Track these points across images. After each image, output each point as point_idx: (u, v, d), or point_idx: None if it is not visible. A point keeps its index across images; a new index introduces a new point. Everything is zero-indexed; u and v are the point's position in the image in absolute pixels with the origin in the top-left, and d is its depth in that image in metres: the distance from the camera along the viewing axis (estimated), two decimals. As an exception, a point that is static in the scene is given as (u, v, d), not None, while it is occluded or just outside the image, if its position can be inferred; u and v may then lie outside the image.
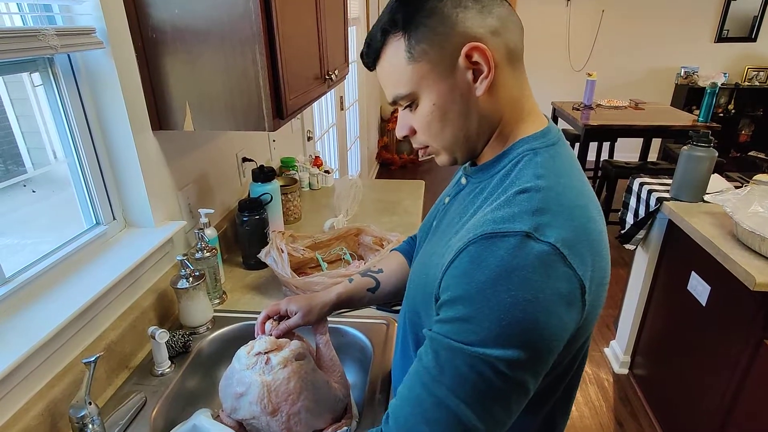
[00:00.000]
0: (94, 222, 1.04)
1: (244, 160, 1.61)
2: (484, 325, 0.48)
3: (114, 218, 1.07)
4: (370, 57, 0.60)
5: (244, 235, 1.32)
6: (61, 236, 0.96)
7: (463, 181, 0.66)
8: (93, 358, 0.73)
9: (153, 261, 1.08)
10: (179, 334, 1.00)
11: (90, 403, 0.74)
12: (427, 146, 0.63)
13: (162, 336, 0.86)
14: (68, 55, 0.92)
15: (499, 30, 0.55)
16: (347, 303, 0.87)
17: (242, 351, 0.80)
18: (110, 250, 1.02)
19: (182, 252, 1.20)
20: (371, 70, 0.62)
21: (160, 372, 0.94)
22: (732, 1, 4.66)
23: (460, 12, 0.54)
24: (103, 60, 0.94)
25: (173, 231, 1.10)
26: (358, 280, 0.88)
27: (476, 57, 0.54)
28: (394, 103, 0.61)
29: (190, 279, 1.03)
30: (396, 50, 0.57)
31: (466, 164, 0.66)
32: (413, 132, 0.62)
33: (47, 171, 1.00)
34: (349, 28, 1.83)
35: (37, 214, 0.99)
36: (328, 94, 2.00)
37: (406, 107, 0.61)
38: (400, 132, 0.63)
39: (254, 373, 0.76)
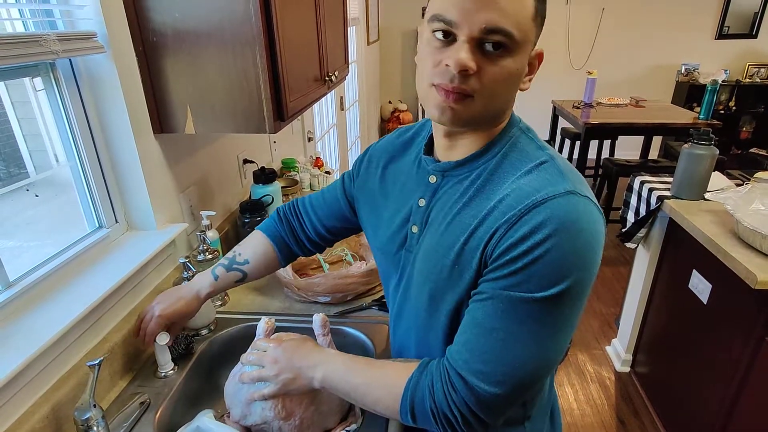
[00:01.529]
0: (97, 225, 1.04)
1: (245, 161, 1.61)
2: (546, 273, 0.55)
3: (116, 221, 1.08)
4: None
5: (245, 236, 1.33)
6: (64, 239, 0.96)
7: (433, 179, 0.68)
8: (97, 361, 0.73)
9: (155, 263, 1.09)
10: (182, 336, 1.00)
11: (95, 406, 0.75)
12: (468, 95, 0.56)
13: (162, 338, 0.86)
14: (70, 60, 0.93)
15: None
16: (214, 296, 0.93)
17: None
18: (113, 253, 1.02)
19: (184, 254, 1.21)
20: None
21: (163, 374, 0.94)
22: (732, -2, 4.65)
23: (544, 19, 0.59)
24: (104, 64, 0.94)
25: (175, 233, 1.11)
26: (224, 276, 0.91)
27: (537, 58, 0.61)
28: (492, 31, 0.53)
29: (193, 281, 1.04)
30: None
31: (429, 162, 0.68)
32: (472, 73, 0.54)
33: (50, 174, 1.01)
34: (348, 29, 1.83)
35: (40, 218, 1.00)
36: (329, 94, 2.00)
37: (490, 48, 0.54)
38: (463, 62, 0.53)
39: None
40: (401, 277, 0.75)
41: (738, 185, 1.79)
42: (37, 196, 0.96)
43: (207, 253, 1.13)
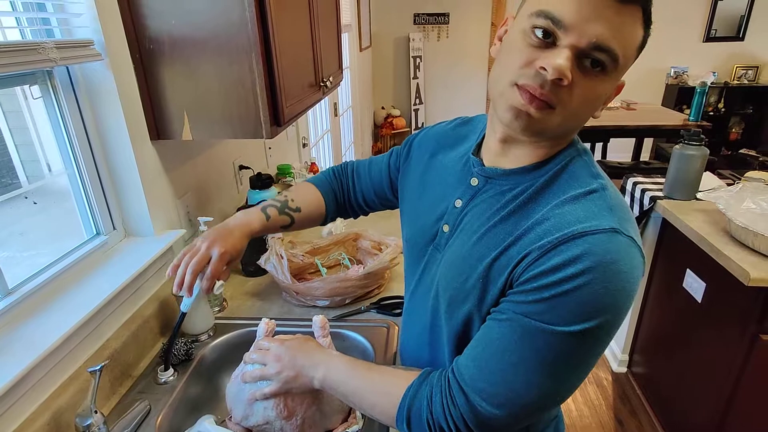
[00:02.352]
0: (95, 232, 1.04)
1: (241, 167, 1.62)
2: (572, 309, 0.52)
3: (114, 228, 1.08)
4: None
5: (243, 242, 1.33)
6: (62, 247, 0.96)
7: (475, 182, 0.65)
8: (98, 367, 0.74)
9: (154, 270, 1.09)
10: (181, 342, 1.00)
11: (96, 412, 0.74)
12: (552, 106, 0.53)
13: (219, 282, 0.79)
14: (67, 68, 0.93)
15: None
16: (259, 236, 0.86)
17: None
18: (111, 259, 1.02)
19: (182, 260, 1.21)
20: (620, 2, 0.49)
21: (163, 380, 0.94)
22: (719, 1, 4.73)
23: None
24: (101, 72, 0.95)
25: (173, 239, 1.11)
26: (275, 218, 0.85)
27: (618, 89, 0.57)
28: (599, 49, 0.50)
29: (191, 287, 1.04)
30: (638, 19, 0.51)
31: (476, 164, 0.65)
32: (566, 84, 0.51)
33: (46, 183, 1.01)
34: (342, 35, 1.85)
35: (38, 226, 1.00)
36: (323, 100, 2.01)
37: (589, 64, 0.51)
38: (560, 70, 0.49)
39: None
40: (424, 273, 0.73)
41: (729, 185, 1.82)
42: (35, 203, 0.95)
43: (205, 259, 1.13)
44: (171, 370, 0.96)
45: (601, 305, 0.51)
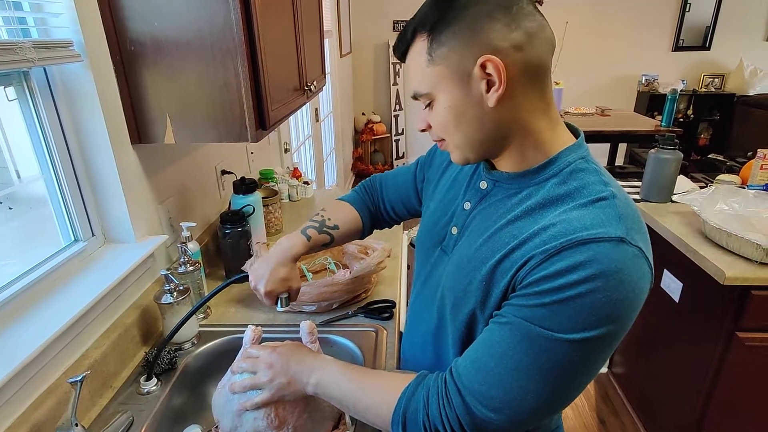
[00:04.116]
0: (73, 239, 1.01)
1: (224, 172, 1.59)
2: (573, 316, 0.51)
3: (93, 234, 1.04)
4: (400, 50, 0.63)
5: (226, 247, 1.31)
6: (38, 255, 0.93)
7: (483, 185, 0.67)
8: (79, 378, 0.71)
9: (135, 277, 1.06)
10: (165, 351, 0.97)
11: (76, 425, 0.72)
12: (443, 140, 0.65)
13: (281, 304, 0.86)
14: (44, 69, 0.90)
15: (523, 45, 0.55)
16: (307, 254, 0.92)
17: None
18: (90, 267, 0.99)
19: (163, 267, 1.18)
20: (402, 62, 0.64)
21: (146, 390, 0.91)
22: (686, 13, 4.92)
23: (487, 23, 0.54)
24: (80, 73, 0.92)
25: (155, 246, 1.08)
26: (315, 237, 0.89)
27: (490, 69, 0.55)
28: (415, 98, 0.64)
29: (175, 294, 1.01)
30: (420, 50, 0.59)
31: (484, 168, 0.67)
32: (429, 127, 0.65)
33: (20, 188, 0.97)
34: (324, 41, 1.84)
35: (12, 232, 0.96)
36: (305, 105, 2.00)
37: (427, 106, 0.63)
38: (418, 125, 0.66)
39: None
40: (431, 275, 0.74)
41: (702, 187, 1.88)
42: (10, 209, 0.92)
43: (188, 265, 1.11)
44: (154, 380, 0.93)
45: (603, 315, 0.51)
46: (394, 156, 5.44)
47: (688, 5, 4.90)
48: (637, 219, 0.56)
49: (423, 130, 0.66)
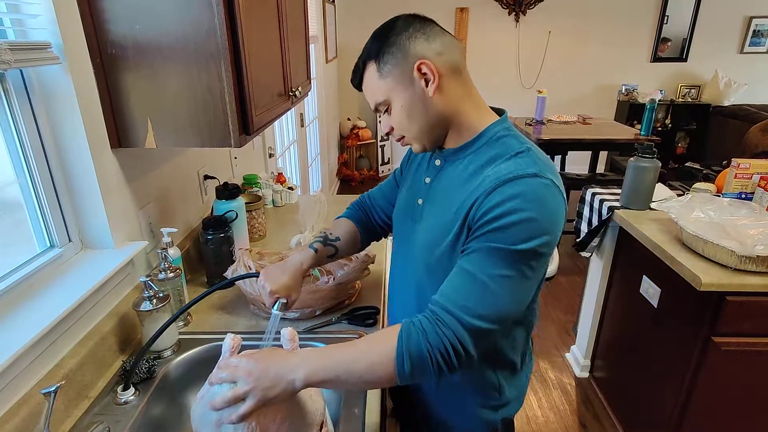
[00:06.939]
0: (48, 245, 0.98)
1: (206, 177, 1.57)
2: (517, 232, 0.69)
3: (70, 240, 1.02)
4: (356, 80, 0.84)
5: (208, 253, 1.29)
6: (11, 261, 0.90)
7: (438, 162, 0.86)
8: (53, 388, 0.69)
9: (113, 284, 1.03)
10: (143, 359, 0.95)
11: (50, 437, 0.69)
12: (403, 137, 0.83)
13: (276, 307, 0.92)
14: (21, 71, 0.88)
15: (442, 51, 0.77)
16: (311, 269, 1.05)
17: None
18: (67, 273, 0.97)
19: (143, 273, 1.16)
20: (360, 91, 0.84)
21: (123, 400, 0.89)
22: (664, 25, 5.05)
23: (412, 42, 0.76)
24: (59, 76, 0.90)
25: (134, 252, 1.06)
26: (321, 250, 1.02)
27: (424, 69, 0.76)
28: (376, 110, 0.83)
29: (154, 301, 0.99)
30: (372, 73, 0.80)
31: (435, 151, 0.87)
32: (392, 129, 0.83)
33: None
34: (310, 46, 1.84)
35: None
36: (289, 111, 1.98)
37: (384, 112, 0.82)
38: (383, 130, 0.85)
39: None
40: (405, 244, 0.91)
41: (679, 195, 1.92)
42: (-17, 213, 0.89)
43: (169, 272, 1.09)
44: (132, 390, 0.91)
45: (537, 228, 0.70)
46: (380, 161, 5.45)
47: (666, 18, 5.03)
48: (548, 162, 0.76)
49: (387, 134, 0.85)
